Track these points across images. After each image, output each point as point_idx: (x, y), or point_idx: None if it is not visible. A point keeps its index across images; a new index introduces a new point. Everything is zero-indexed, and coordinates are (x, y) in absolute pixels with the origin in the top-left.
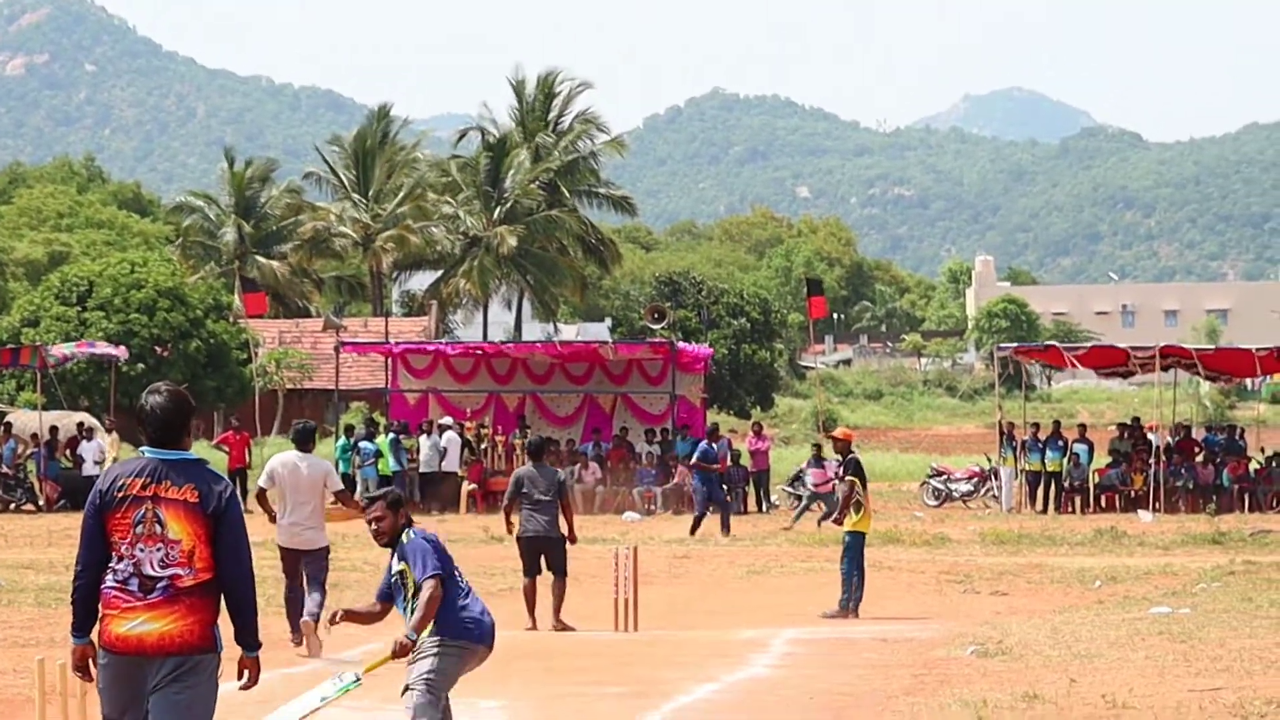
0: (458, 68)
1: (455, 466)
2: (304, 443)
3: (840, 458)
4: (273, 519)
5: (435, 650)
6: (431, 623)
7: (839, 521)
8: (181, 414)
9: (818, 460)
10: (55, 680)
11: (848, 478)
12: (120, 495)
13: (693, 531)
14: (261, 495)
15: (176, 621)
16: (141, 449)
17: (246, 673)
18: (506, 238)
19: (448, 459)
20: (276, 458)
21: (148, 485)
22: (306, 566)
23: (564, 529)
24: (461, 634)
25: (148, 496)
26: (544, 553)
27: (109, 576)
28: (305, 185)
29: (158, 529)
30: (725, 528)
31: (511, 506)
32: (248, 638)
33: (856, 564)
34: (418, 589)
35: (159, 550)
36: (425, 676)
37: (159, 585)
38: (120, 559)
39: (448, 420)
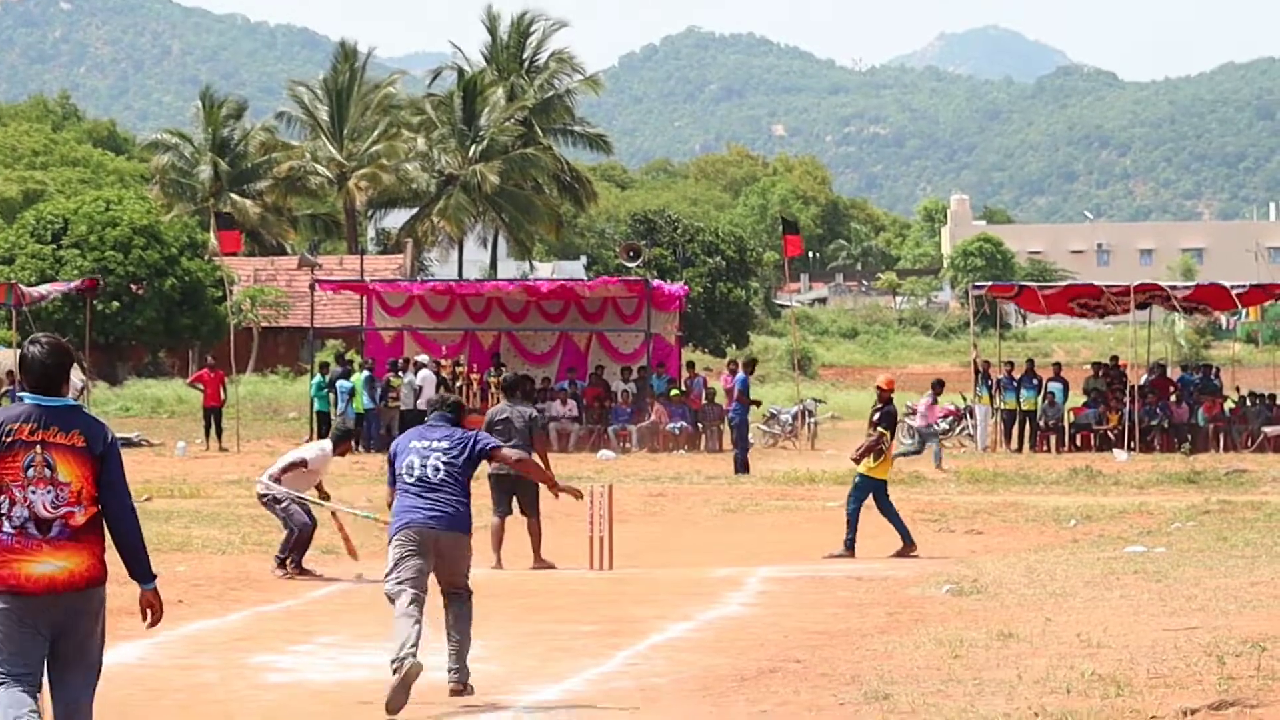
0: (433, 6)
1: None
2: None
3: (880, 405)
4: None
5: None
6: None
7: (857, 461)
8: (61, 363)
9: (935, 398)
10: None
11: (879, 428)
12: (9, 440)
13: (742, 469)
14: None
15: (78, 558)
16: (21, 395)
17: (150, 610)
18: (487, 175)
19: (423, 396)
20: None
21: (35, 431)
22: None
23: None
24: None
25: (36, 441)
26: (514, 492)
27: (4, 523)
28: (278, 125)
29: (47, 472)
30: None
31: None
32: (142, 570)
33: (881, 507)
34: None
35: (49, 492)
36: None
37: (54, 526)
38: (13, 503)
39: (423, 358)
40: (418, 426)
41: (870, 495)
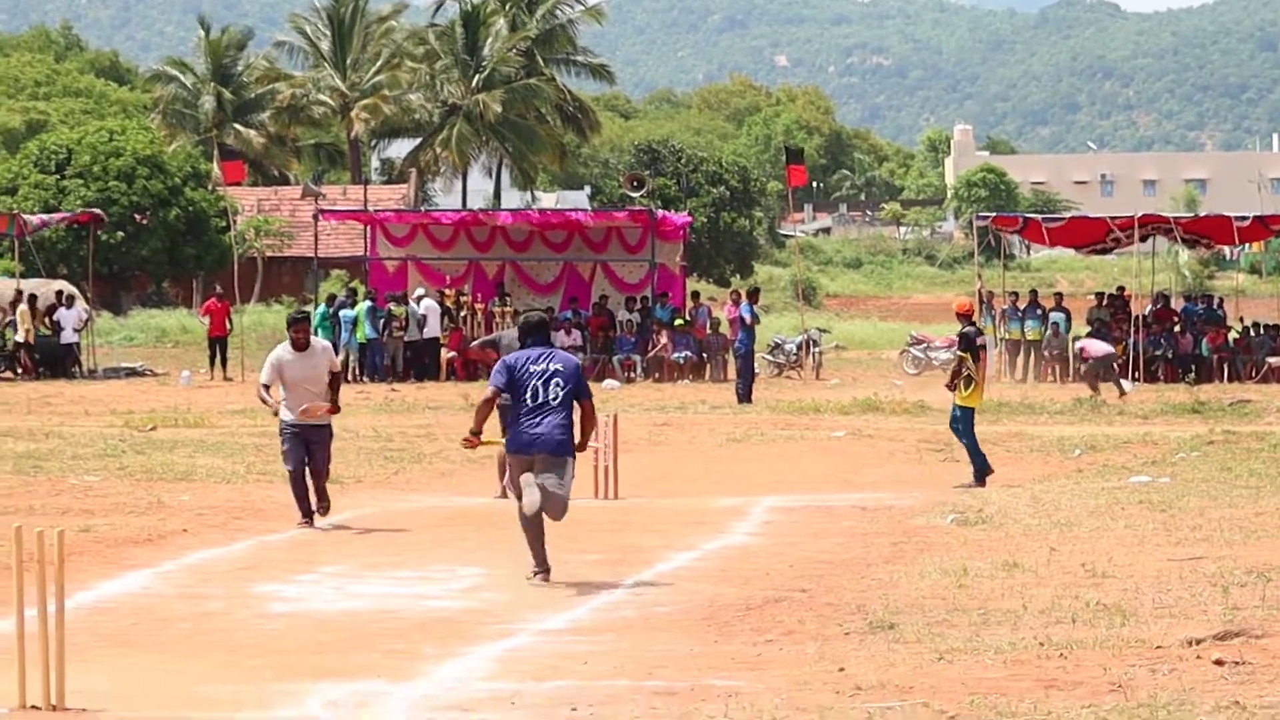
0: None
1: (435, 333)
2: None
3: (961, 330)
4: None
5: None
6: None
7: (951, 387)
8: None
9: (1099, 332)
10: (32, 548)
11: (960, 352)
12: None
13: (746, 399)
14: None
15: None
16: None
17: None
18: (490, 104)
19: (428, 326)
20: None
21: None
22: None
23: None
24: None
25: None
26: None
27: None
28: (280, 55)
29: None
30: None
31: (483, 350)
32: None
33: (968, 435)
34: None
35: None
36: None
37: None
38: None
39: (423, 289)
40: (528, 349)
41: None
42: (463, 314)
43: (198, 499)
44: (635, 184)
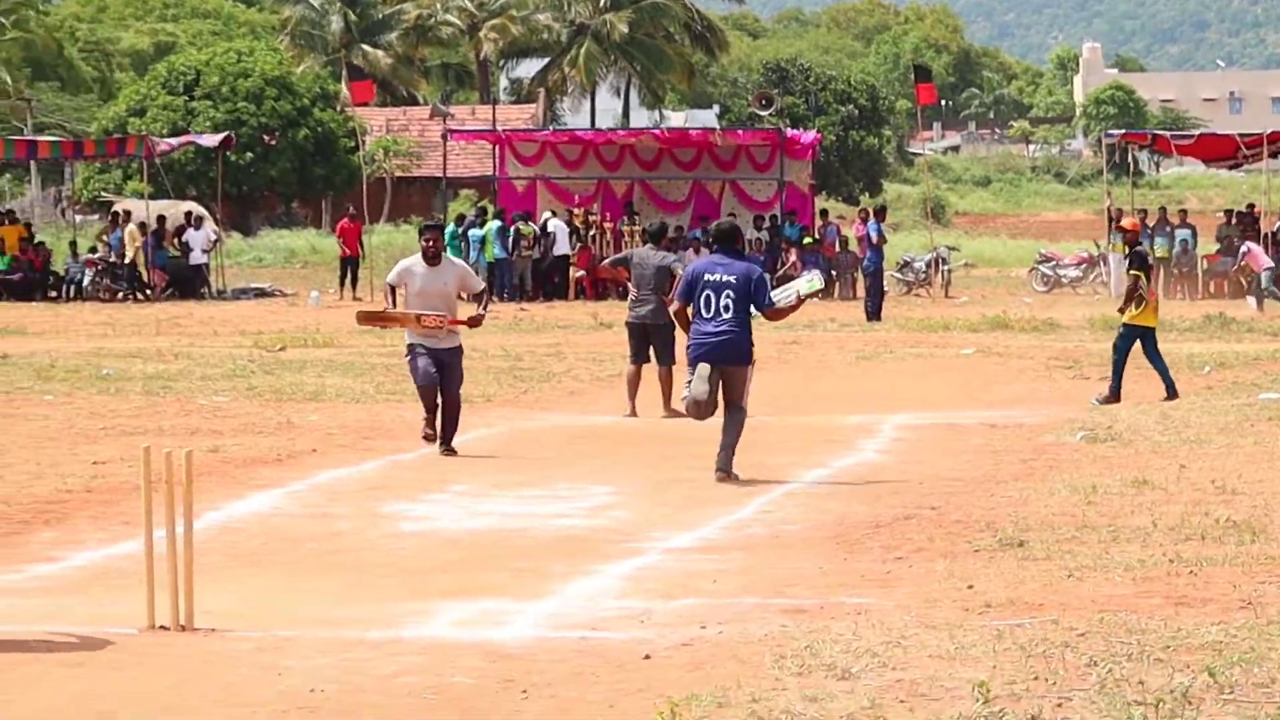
0: None
1: (565, 252)
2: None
3: (1130, 249)
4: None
5: None
6: None
7: (1121, 311)
8: None
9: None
10: (161, 469)
11: (1132, 271)
12: None
13: (875, 317)
14: None
15: None
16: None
17: None
18: (616, 24)
19: (556, 245)
20: None
21: None
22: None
23: (671, 316)
24: None
25: None
26: (650, 339)
27: None
28: None
29: None
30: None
31: (614, 269)
32: None
33: (1148, 354)
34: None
35: None
36: None
37: None
38: None
39: (552, 209)
40: (709, 258)
41: (1138, 343)
42: (591, 233)
43: (326, 419)
44: (764, 103)
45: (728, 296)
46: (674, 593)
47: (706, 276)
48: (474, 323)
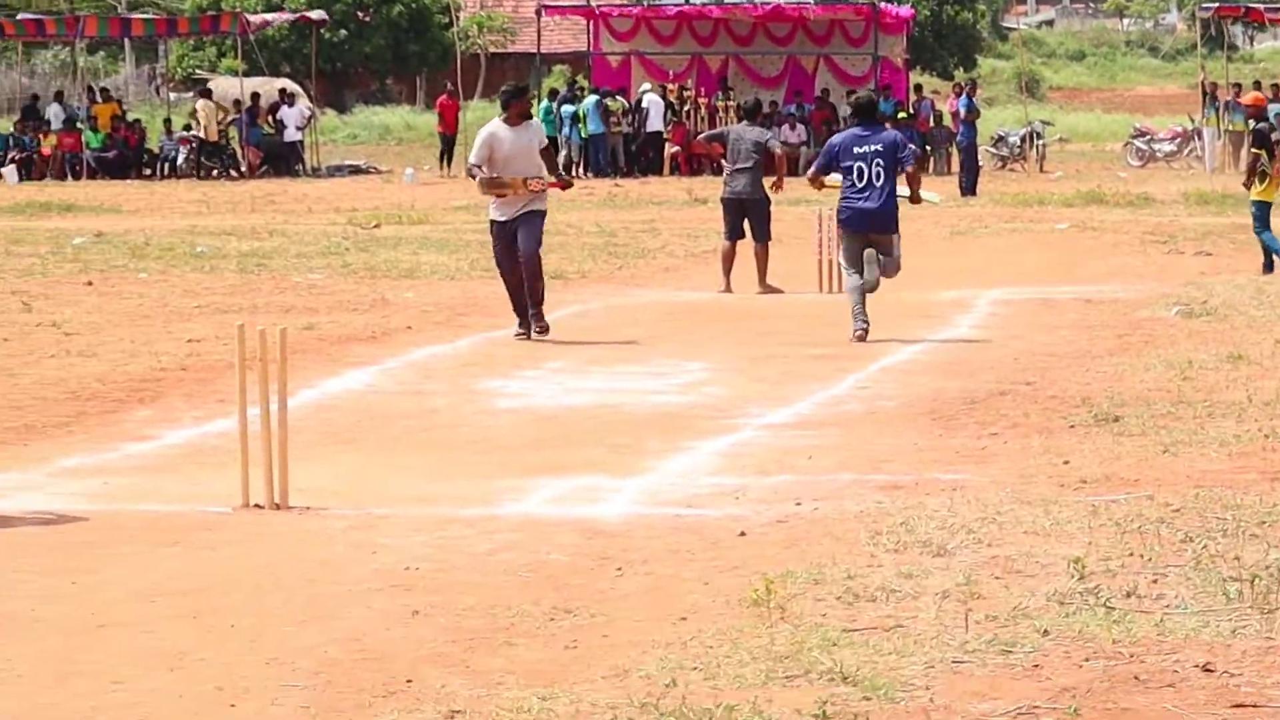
0: None
1: (659, 128)
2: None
3: (1253, 125)
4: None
5: None
6: None
7: (1247, 188)
8: None
9: None
10: (255, 346)
11: (1255, 149)
12: None
13: (969, 191)
14: None
15: None
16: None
17: None
18: None
19: (650, 121)
20: None
21: None
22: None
23: (766, 191)
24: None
25: None
26: (745, 215)
27: None
28: None
29: None
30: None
31: (709, 144)
32: None
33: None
34: None
35: None
36: None
37: None
38: None
39: (647, 85)
40: (851, 130)
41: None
42: (686, 109)
43: (421, 296)
44: None
45: (877, 165)
46: (769, 469)
47: (854, 149)
48: (566, 185)
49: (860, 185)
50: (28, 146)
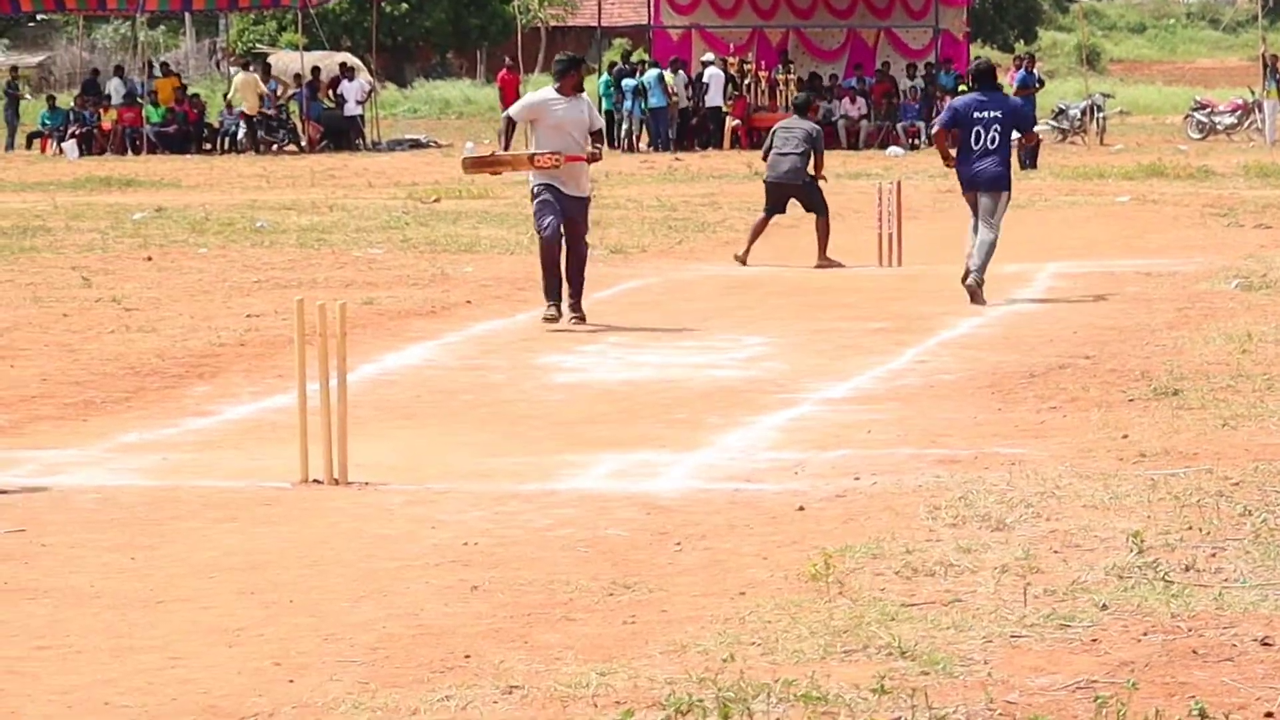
0: None
1: (719, 102)
2: None
3: None
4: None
5: None
6: None
7: None
8: None
9: None
10: (315, 321)
11: None
12: None
13: (1030, 164)
14: None
15: None
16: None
17: None
18: None
19: (711, 94)
20: None
21: None
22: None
23: (810, 175)
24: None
25: None
26: (789, 197)
27: None
28: None
29: None
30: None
31: (766, 155)
32: None
33: None
34: None
35: None
36: None
37: None
38: None
39: (710, 56)
40: (972, 95)
41: None
42: (747, 82)
43: (481, 270)
44: None
45: (995, 130)
46: (828, 444)
47: (975, 114)
48: (595, 158)
49: (976, 147)
50: (88, 121)
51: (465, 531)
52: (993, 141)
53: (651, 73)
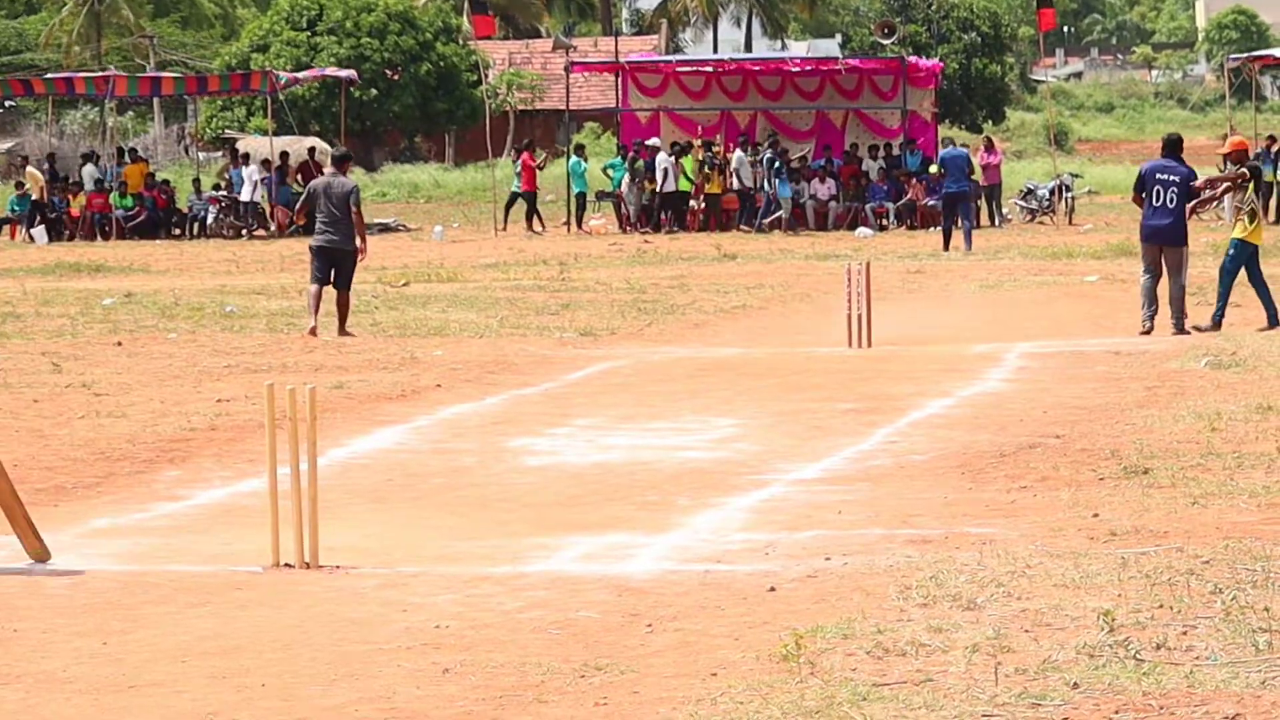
0: None
1: (672, 186)
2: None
3: (1235, 167)
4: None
5: None
6: None
7: (1203, 209)
8: None
9: None
10: (284, 405)
11: (1245, 182)
12: None
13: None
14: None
15: None
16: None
17: None
18: None
19: (666, 181)
20: None
21: None
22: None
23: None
24: None
25: None
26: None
27: None
28: None
29: None
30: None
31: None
32: None
33: (1252, 275)
34: None
35: None
36: None
37: None
38: None
39: (655, 141)
40: (1158, 160)
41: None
42: (712, 165)
43: (451, 354)
44: (886, 31)
45: (1173, 191)
46: (799, 524)
47: (1158, 175)
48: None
49: (1157, 205)
50: (57, 207)
51: (437, 614)
52: (1170, 200)
53: (660, 156)
